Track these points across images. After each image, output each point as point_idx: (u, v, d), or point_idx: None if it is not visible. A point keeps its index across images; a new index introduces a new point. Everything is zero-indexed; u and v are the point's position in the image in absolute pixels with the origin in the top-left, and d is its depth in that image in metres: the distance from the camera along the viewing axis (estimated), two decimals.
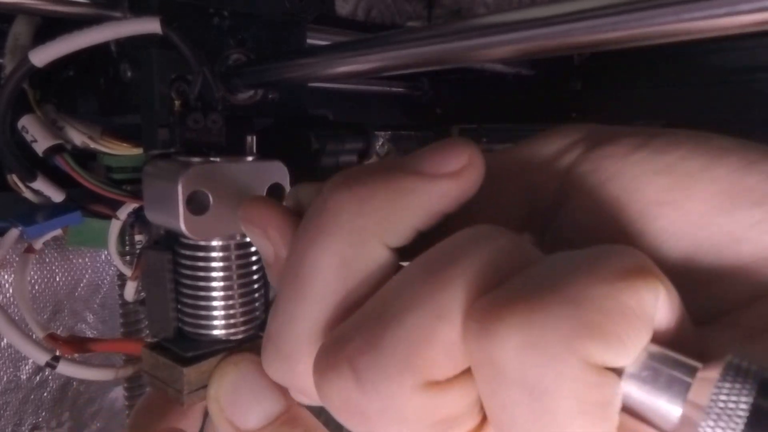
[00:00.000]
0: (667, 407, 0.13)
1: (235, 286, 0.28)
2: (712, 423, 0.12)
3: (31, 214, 0.34)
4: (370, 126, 0.42)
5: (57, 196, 0.33)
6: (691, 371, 0.13)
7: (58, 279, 0.52)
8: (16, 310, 0.47)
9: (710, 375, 0.13)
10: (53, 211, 0.33)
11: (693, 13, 0.14)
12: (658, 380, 0.13)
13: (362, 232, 0.17)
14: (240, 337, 0.29)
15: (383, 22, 0.58)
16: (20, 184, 0.32)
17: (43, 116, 0.33)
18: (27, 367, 0.51)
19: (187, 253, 0.28)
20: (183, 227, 0.26)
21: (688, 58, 0.48)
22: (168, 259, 0.28)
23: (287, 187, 0.29)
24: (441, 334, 0.15)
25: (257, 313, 0.29)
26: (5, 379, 0.50)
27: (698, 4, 0.13)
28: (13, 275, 0.37)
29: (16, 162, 0.31)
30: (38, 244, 0.36)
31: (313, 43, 0.38)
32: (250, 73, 0.30)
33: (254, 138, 0.28)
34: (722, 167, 0.16)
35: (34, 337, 0.34)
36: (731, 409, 0.12)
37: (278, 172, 0.28)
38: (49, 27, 0.32)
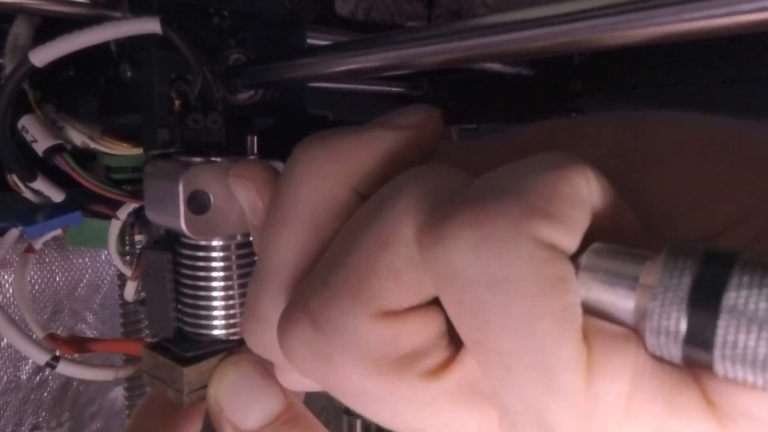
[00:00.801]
0: (623, 297, 0.13)
1: (236, 286, 0.28)
2: (660, 297, 0.12)
3: (31, 214, 0.34)
4: None
5: (57, 196, 0.33)
6: (642, 259, 0.13)
7: (58, 279, 0.52)
8: (16, 310, 0.47)
9: (659, 259, 0.13)
10: (53, 211, 0.33)
11: (693, 13, 0.14)
12: (610, 273, 0.13)
13: (332, 176, 0.18)
14: (240, 337, 0.29)
15: (383, 22, 0.58)
16: (20, 184, 0.32)
17: (43, 116, 0.33)
18: (27, 367, 0.51)
19: (188, 252, 0.28)
20: (184, 227, 0.26)
21: (688, 58, 0.48)
22: (168, 259, 0.28)
23: None
24: (387, 260, 0.15)
25: None
26: (5, 379, 0.50)
27: (698, 4, 0.13)
28: (13, 275, 0.37)
29: (16, 162, 0.31)
30: (38, 244, 0.36)
31: (313, 43, 0.38)
32: (250, 73, 0.30)
33: (255, 138, 0.28)
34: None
35: (34, 337, 0.34)
36: (675, 284, 0.12)
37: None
38: (49, 27, 0.32)
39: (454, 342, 0.16)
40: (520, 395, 0.14)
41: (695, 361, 0.12)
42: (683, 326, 0.12)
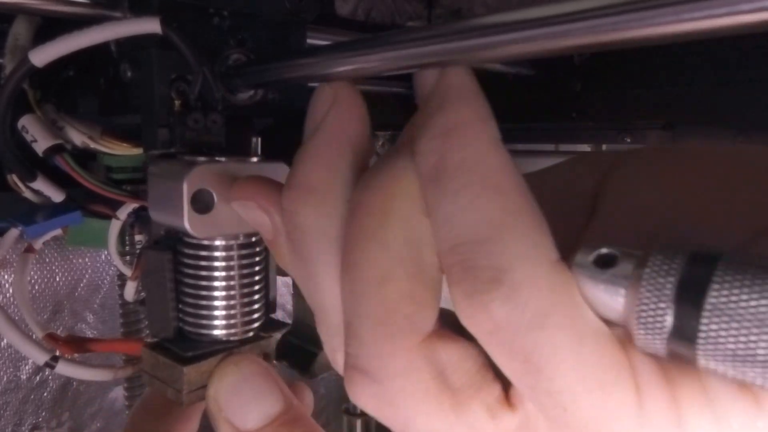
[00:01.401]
0: (613, 294, 0.14)
1: (237, 286, 0.28)
2: (648, 292, 0.13)
3: (31, 214, 0.34)
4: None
5: (57, 196, 0.33)
6: (633, 258, 0.14)
7: (58, 279, 0.52)
8: (16, 310, 0.47)
9: (649, 257, 0.13)
10: (53, 211, 0.33)
11: (693, 13, 0.14)
12: (602, 270, 0.14)
13: (326, 194, 0.19)
14: (240, 337, 0.29)
15: (383, 22, 0.58)
16: (20, 184, 0.32)
17: (43, 116, 0.33)
18: (27, 367, 0.51)
19: (190, 252, 0.28)
20: (187, 225, 0.26)
21: (688, 58, 0.48)
22: (168, 259, 0.28)
23: None
24: (394, 293, 0.16)
25: (258, 313, 0.29)
26: (5, 379, 0.50)
27: (698, 4, 0.13)
28: (13, 275, 0.37)
29: (16, 162, 0.31)
30: (38, 244, 0.36)
31: (313, 43, 0.38)
32: (250, 73, 0.30)
33: (259, 140, 0.28)
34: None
35: (33, 336, 0.34)
36: (663, 280, 0.13)
37: (282, 174, 0.28)
38: (49, 27, 0.32)
39: (500, 378, 0.16)
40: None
41: (679, 355, 0.13)
42: (669, 320, 0.12)
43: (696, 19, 0.14)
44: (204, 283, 0.28)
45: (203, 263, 0.28)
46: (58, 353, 0.34)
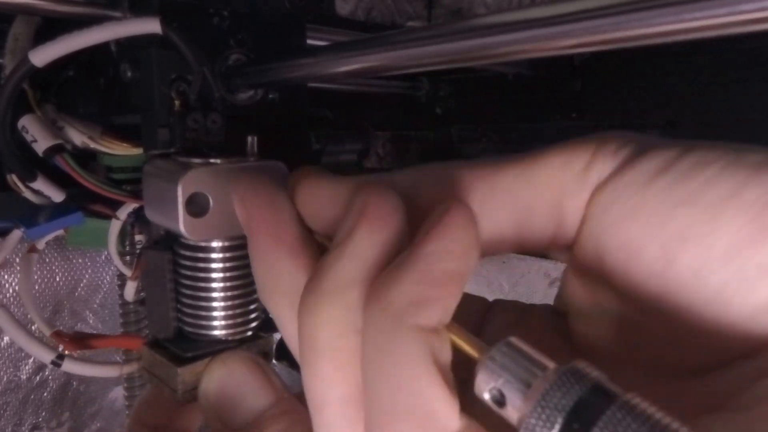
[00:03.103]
0: (514, 397, 0.14)
1: (235, 287, 0.28)
2: (540, 408, 0.13)
3: (33, 215, 0.34)
4: (370, 126, 0.42)
5: (57, 196, 0.33)
6: (541, 368, 0.14)
7: (58, 279, 0.52)
8: (16, 310, 0.47)
9: (554, 374, 0.14)
10: (55, 211, 0.33)
11: (693, 13, 0.14)
12: (509, 371, 0.15)
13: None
14: (239, 337, 0.29)
15: (383, 22, 0.58)
16: (20, 184, 0.32)
17: (43, 116, 0.33)
18: (27, 367, 0.51)
19: (187, 253, 0.28)
20: (182, 229, 0.26)
21: (688, 58, 0.48)
22: (168, 259, 0.28)
23: None
24: None
25: (257, 313, 0.29)
26: (5, 379, 0.50)
27: (698, 4, 0.13)
28: (13, 275, 0.37)
29: (17, 162, 0.31)
30: (41, 244, 0.36)
31: (313, 43, 0.38)
32: (250, 73, 0.30)
33: (255, 139, 0.28)
34: (752, 191, 0.14)
35: (36, 335, 0.34)
36: (557, 402, 0.13)
37: (279, 174, 0.28)
38: (49, 27, 0.32)
39: None
40: None
41: None
42: None
43: (696, 19, 0.14)
44: (202, 284, 0.28)
45: (200, 264, 0.28)
46: (63, 351, 0.34)
